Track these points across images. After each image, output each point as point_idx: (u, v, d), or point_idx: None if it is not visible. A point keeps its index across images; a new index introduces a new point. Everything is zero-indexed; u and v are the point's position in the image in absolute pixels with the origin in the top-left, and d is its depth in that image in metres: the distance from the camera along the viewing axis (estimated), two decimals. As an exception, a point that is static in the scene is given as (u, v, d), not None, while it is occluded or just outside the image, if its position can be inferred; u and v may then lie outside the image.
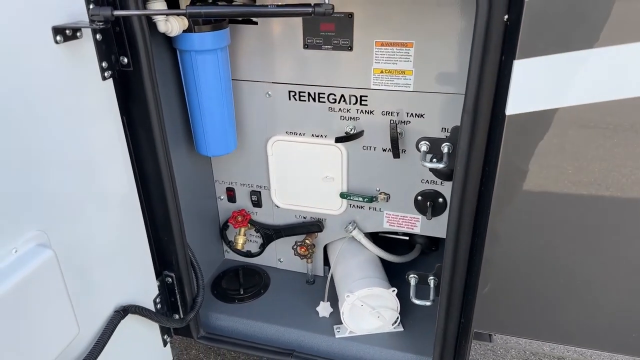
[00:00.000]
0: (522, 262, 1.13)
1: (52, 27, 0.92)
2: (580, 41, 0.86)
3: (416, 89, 1.37)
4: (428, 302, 1.32)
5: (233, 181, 1.72)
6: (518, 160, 0.99)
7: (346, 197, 1.58)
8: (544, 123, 0.94)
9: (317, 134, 1.53)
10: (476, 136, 1.02)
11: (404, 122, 1.43)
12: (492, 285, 1.16)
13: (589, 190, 0.99)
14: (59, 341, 0.97)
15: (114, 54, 1.10)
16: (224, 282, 1.77)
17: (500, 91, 0.96)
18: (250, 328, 1.59)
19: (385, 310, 1.51)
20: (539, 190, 1.02)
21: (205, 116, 1.43)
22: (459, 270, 1.20)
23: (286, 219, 1.72)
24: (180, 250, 1.36)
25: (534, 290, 1.16)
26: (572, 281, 1.12)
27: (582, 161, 0.97)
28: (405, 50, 1.33)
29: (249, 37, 1.45)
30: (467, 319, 1.24)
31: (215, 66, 1.36)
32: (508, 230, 1.09)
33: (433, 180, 1.48)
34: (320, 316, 1.62)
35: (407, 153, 1.47)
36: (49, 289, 0.94)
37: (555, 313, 1.17)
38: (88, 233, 1.08)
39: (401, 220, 1.60)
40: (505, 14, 0.90)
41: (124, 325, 1.20)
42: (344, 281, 1.56)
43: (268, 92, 1.51)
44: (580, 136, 0.95)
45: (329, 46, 1.39)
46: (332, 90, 1.45)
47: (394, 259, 1.68)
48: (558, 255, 1.10)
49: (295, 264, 1.80)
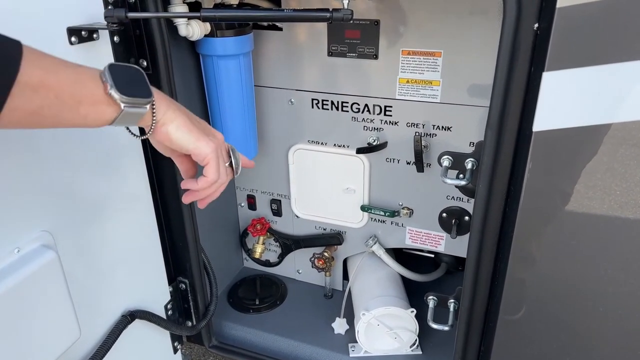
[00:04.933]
0: (550, 290, 1.04)
1: (67, 28, 0.92)
2: (619, 53, 0.78)
3: (443, 101, 1.31)
4: (446, 327, 1.25)
5: (254, 188, 1.70)
6: (546, 179, 0.91)
7: (367, 210, 1.52)
8: (575, 140, 0.86)
9: (340, 144, 1.49)
10: (501, 153, 0.95)
11: (430, 134, 1.36)
12: (515, 314, 1.07)
13: (614, 212, 0.90)
14: (58, 344, 0.96)
15: (133, 57, 1.10)
16: (240, 290, 1.74)
17: (529, 106, 0.89)
18: (263, 340, 1.56)
19: (403, 332, 1.44)
20: (569, 213, 0.93)
21: (226, 122, 1.41)
22: (479, 296, 1.12)
23: (306, 229, 1.68)
24: (194, 256, 1.34)
25: (563, 322, 1.07)
26: (609, 315, 1.02)
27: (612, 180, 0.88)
28: (432, 59, 1.27)
29: (273, 43, 1.43)
30: (487, 348, 1.15)
31: (237, 72, 1.34)
32: (534, 254, 1.01)
33: (459, 197, 1.41)
34: (336, 333, 1.56)
35: (432, 167, 1.40)
36: (50, 291, 0.93)
37: (588, 350, 1.08)
38: (98, 236, 1.07)
39: (424, 238, 1.52)
40: (536, 22, 0.83)
41: (132, 330, 1.18)
42: (361, 298, 1.50)
43: (291, 99, 1.48)
44: (615, 155, 0.86)
45: (353, 54, 1.35)
46: (356, 99, 1.41)
47: (416, 278, 1.60)
48: (590, 283, 1.00)
49: (314, 276, 1.76)
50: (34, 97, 0.60)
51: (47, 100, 0.61)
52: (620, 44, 0.78)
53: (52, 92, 0.61)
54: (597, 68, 0.79)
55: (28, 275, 0.87)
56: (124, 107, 0.68)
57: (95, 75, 0.68)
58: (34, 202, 0.91)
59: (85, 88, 0.65)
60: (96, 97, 0.67)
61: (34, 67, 0.59)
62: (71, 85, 0.64)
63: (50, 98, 0.61)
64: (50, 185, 0.94)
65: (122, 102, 0.68)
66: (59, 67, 0.63)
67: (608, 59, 0.78)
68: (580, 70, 0.80)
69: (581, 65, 0.79)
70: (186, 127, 0.77)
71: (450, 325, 1.25)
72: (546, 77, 0.82)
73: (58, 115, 0.63)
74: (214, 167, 0.80)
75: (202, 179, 0.83)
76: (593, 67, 0.79)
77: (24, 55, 0.58)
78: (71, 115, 0.65)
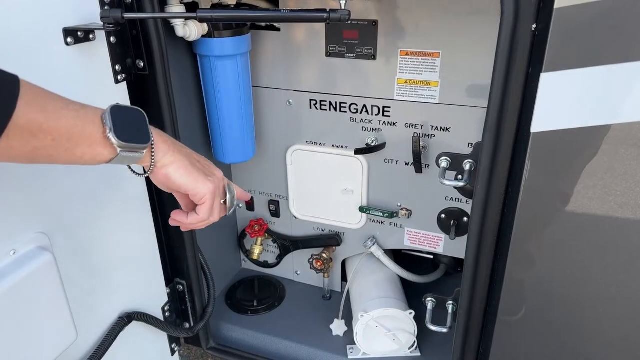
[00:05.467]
0: (548, 292, 1.04)
1: (63, 29, 0.92)
2: (617, 54, 0.77)
3: (442, 101, 1.30)
4: (445, 329, 1.24)
5: (252, 189, 1.69)
6: (544, 181, 0.91)
7: (365, 211, 1.51)
8: (573, 142, 0.85)
9: (338, 145, 1.48)
10: (499, 154, 0.94)
11: (429, 135, 1.36)
12: (513, 316, 1.07)
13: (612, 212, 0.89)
14: (55, 346, 0.96)
15: (130, 57, 1.09)
16: (238, 292, 1.74)
17: (527, 107, 0.88)
18: (261, 342, 1.55)
19: (401, 333, 1.44)
20: (567, 214, 0.93)
21: (224, 122, 1.41)
22: (478, 297, 1.11)
23: (304, 230, 1.67)
24: (192, 257, 1.34)
25: (562, 323, 1.06)
26: (608, 316, 1.01)
27: (611, 181, 0.88)
28: (431, 60, 1.27)
29: (271, 43, 1.42)
30: (486, 349, 1.15)
31: (235, 72, 1.34)
32: (533, 255, 1.01)
33: (458, 198, 1.40)
34: (334, 334, 1.55)
35: (430, 168, 1.39)
36: (46, 293, 0.92)
37: (587, 352, 1.07)
38: (95, 237, 1.07)
39: (423, 239, 1.52)
40: (534, 22, 0.83)
41: (129, 332, 1.18)
42: (359, 299, 1.49)
43: (289, 100, 1.48)
44: (614, 156, 0.85)
45: (352, 54, 1.34)
46: (354, 100, 1.40)
47: (415, 279, 1.60)
48: (588, 284, 1.00)
49: (313, 277, 1.75)
50: (32, 140, 0.59)
51: (44, 142, 0.61)
52: (618, 45, 0.77)
53: (51, 136, 0.61)
54: (595, 69, 0.78)
55: (24, 277, 0.87)
56: (120, 152, 0.69)
57: (96, 118, 0.67)
58: (30, 203, 0.90)
59: (84, 131, 0.65)
60: (94, 140, 0.66)
61: (34, 111, 0.58)
62: (70, 130, 0.63)
63: (47, 140, 0.61)
64: (46, 187, 0.93)
65: (118, 147, 0.68)
66: (61, 111, 0.62)
67: (606, 60, 0.78)
68: (578, 72, 0.79)
69: (579, 66, 0.79)
70: (185, 170, 0.78)
71: (449, 327, 1.24)
72: (544, 78, 0.81)
73: (53, 155, 0.64)
74: (208, 208, 0.82)
75: (193, 215, 0.84)
76: (591, 68, 0.78)
77: (21, 94, 0.57)
78: (67, 155, 0.65)
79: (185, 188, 0.79)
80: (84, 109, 0.66)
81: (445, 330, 1.24)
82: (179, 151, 0.79)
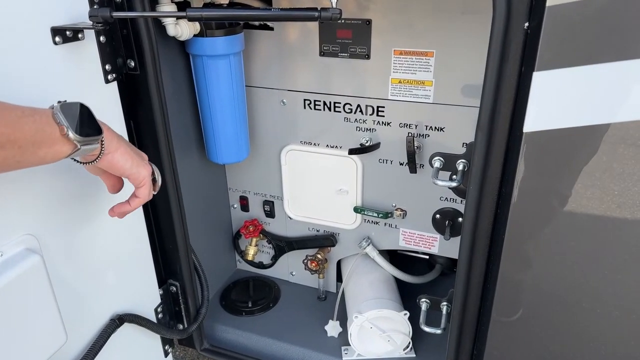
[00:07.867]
0: (542, 292, 1.03)
1: (51, 28, 0.90)
2: (610, 52, 0.77)
3: (436, 101, 1.29)
4: (439, 330, 1.23)
5: (246, 190, 1.68)
6: (537, 181, 0.90)
7: (360, 211, 1.51)
8: (566, 141, 0.85)
9: (332, 145, 1.47)
10: (492, 154, 0.93)
11: (423, 135, 1.35)
12: (507, 317, 1.06)
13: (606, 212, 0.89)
14: (44, 349, 0.94)
15: (120, 57, 1.08)
16: (233, 293, 1.73)
17: (519, 106, 0.87)
18: (255, 343, 1.54)
19: (396, 334, 1.43)
20: (561, 213, 0.92)
21: (217, 122, 1.40)
22: (472, 298, 1.11)
23: (299, 231, 1.67)
24: (185, 258, 1.33)
25: (556, 324, 1.06)
26: (605, 317, 1.00)
27: (603, 181, 0.87)
28: (425, 59, 1.26)
29: (265, 43, 1.41)
30: (480, 350, 1.14)
31: (228, 72, 1.33)
32: (527, 255, 1.00)
33: (453, 199, 1.40)
34: (329, 335, 1.55)
35: (425, 168, 1.39)
36: (35, 296, 0.91)
37: (582, 353, 1.06)
38: (85, 238, 1.06)
39: (418, 239, 1.51)
40: (526, 21, 0.82)
41: (122, 334, 1.17)
42: (354, 300, 1.49)
43: (283, 99, 1.47)
44: (610, 155, 0.85)
45: (345, 54, 1.34)
46: (349, 99, 1.39)
47: (410, 279, 1.59)
48: (583, 284, 0.99)
49: (307, 278, 1.74)
50: (1, 152, 0.64)
51: (12, 152, 0.66)
52: (611, 43, 0.77)
53: (17, 144, 0.66)
54: (588, 68, 0.77)
55: (11, 280, 0.85)
56: (80, 146, 0.74)
57: (49, 118, 0.71)
58: (18, 205, 0.89)
59: (44, 134, 0.70)
60: (53, 140, 0.71)
61: (1, 126, 0.63)
62: (34, 135, 0.68)
63: (15, 149, 0.66)
64: (35, 187, 0.92)
65: (78, 142, 0.73)
66: (21, 120, 0.67)
67: (598, 59, 0.77)
68: (571, 70, 0.78)
69: (572, 65, 0.78)
70: (129, 155, 0.86)
71: (443, 328, 1.23)
72: (537, 77, 0.80)
73: (21, 161, 0.68)
74: (148, 188, 0.90)
75: (135, 200, 0.92)
76: (584, 67, 0.77)
77: None
78: (32, 159, 0.70)
79: (129, 172, 0.86)
80: (37, 113, 0.70)
81: (439, 332, 1.24)
82: (120, 138, 0.85)
